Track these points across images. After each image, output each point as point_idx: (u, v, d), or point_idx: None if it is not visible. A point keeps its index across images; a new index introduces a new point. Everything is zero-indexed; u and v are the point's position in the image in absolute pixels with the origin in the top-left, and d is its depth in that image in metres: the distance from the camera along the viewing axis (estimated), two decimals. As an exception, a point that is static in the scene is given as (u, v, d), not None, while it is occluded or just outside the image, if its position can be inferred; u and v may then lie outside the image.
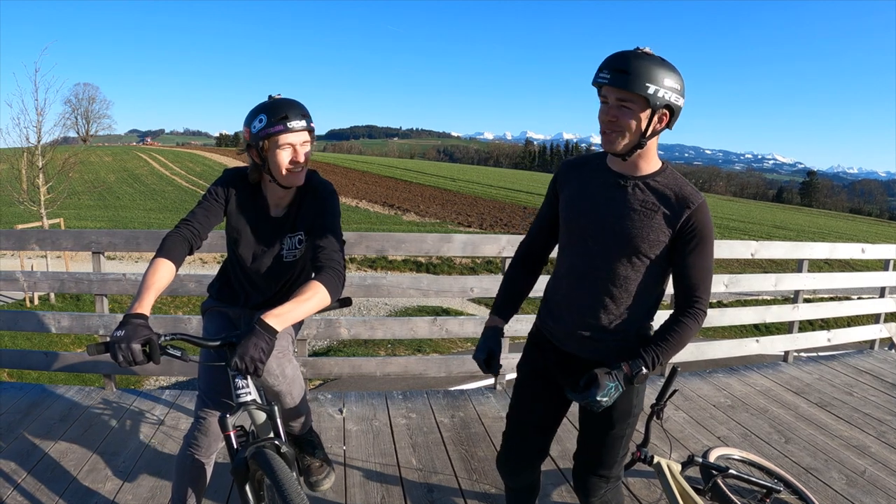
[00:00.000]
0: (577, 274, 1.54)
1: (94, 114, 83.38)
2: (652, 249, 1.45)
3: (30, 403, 2.98)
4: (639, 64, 1.32)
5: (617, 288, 1.49)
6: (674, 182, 1.46)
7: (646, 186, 1.46)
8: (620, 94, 1.34)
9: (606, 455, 1.62)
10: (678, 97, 1.37)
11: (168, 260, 1.61)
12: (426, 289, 3.23)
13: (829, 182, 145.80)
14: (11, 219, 17.52)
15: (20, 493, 2.22)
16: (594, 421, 1.60)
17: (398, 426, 2.97)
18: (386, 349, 10.28)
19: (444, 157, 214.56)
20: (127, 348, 1.34)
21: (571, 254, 1.56)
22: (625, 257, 1.46)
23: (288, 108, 1.66)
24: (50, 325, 3.20)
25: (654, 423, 2.07)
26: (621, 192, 1.47)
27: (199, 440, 1.76)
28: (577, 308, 1.55)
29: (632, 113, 1.35)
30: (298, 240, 1.86)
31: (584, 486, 1.67)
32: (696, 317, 1.47)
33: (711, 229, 1.46)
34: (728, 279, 4.00)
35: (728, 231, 31.14)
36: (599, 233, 1.48)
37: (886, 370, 4.35)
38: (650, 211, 1.43)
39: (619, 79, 1.32)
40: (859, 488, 2.60)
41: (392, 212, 29.68)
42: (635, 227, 1.44)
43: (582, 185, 1.55)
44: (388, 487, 2.40)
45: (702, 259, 1.45)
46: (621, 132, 1.38)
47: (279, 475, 1.37)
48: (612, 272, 1.48)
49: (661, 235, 1.44)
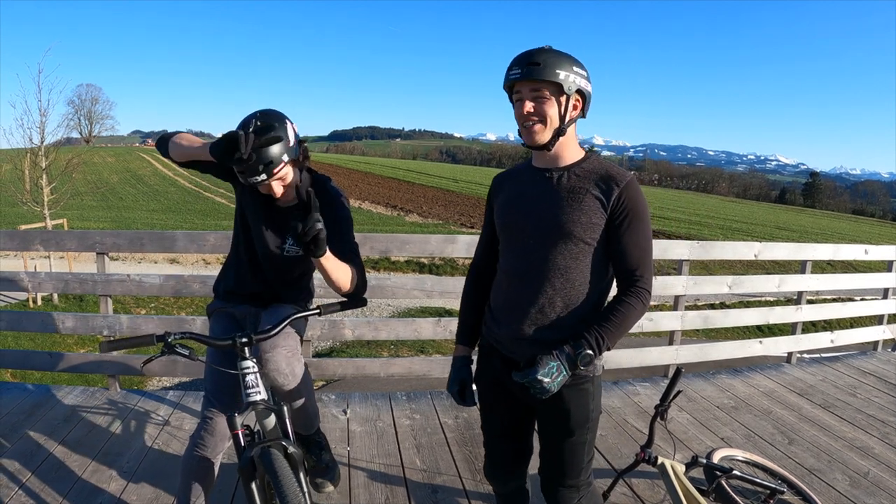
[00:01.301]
0: (516, 273, 1.52)
1: (96, 114, 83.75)
2: (587, 233, 1.43)
3: (34, 404, 2.99)
4: (546, 55, 1.39)
5: (559, 279, 1.46)
6: (599, 166, 1.47)
7: (571, 174, 1.47)
8: (534, 86, 1.40)
9: (570, 464, 1.57)
10: (587, 83, 1.44)
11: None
12: (430, 290, 3.24)
13: (832, 183, 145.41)
14: (15, 219, 17.58)
15: (24, 492, 2.22)
16: (552, 431, 1.56)
17: (402, 427, 2.97)
18: (389, 350, 10.29)
19: (446, 158, 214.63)
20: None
21: (510, 255, 1.55)
22: (561, 245, 1.44)
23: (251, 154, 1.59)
24: (54, 325, 3.21)
25: (657, 424, 2.07)
26: (548, 183, 1.48)
27: (206, 440, 1.75)
28: (520, 307, 1.50)
29: (548, 101, 1.40)
30: None
31: (555, 500, 1.61)
32: (639, 295, 1.44)
33: (645, 206, 1.45)
34: (731, 280, 3.99)
35: (731, 232, 31.08)
36: (534, 227, 1.47)
37: (890, 371, 4.34)
38: (579, 195, 1.43)
39: (531, 71, 1.37)
40: (863, 489, 2.60)
41: (395, 213, 29.70)
42: (565, 213, 1.43)
43: (511, 188, 1.57)
44: (392, 488, 2.40)
45: (637, 236, 1.43)
46: (542, 121, 1.41)
47: (280, 477, 1.37)
48: (551, 264, 1.46)
49: (593, 217, 1.42)
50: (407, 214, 29.17)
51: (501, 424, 1.67)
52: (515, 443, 1.68)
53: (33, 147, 13.56)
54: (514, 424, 1.66)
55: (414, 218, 28.21)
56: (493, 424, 1.69)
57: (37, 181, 13.64)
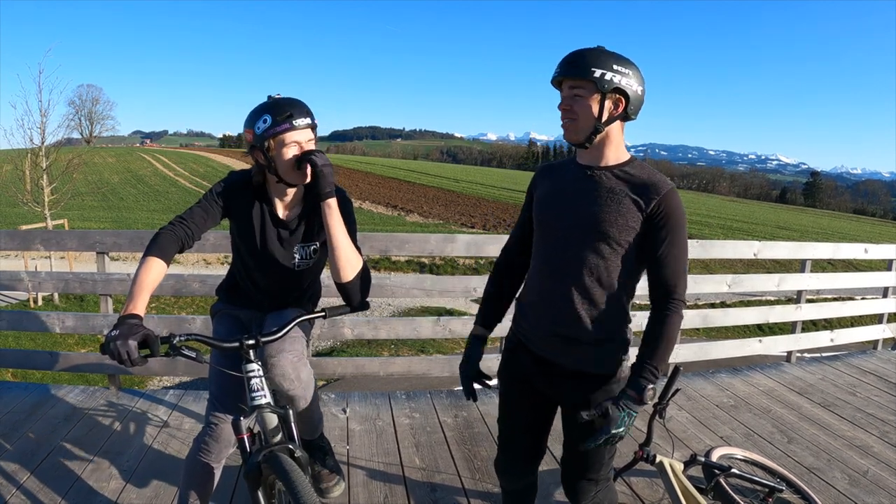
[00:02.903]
0: (549, 268, 1.53)
1: (97, 115, 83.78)
2: (622, 235, 1.43)
3: (34, 403, 2.99)
4: (587, 53, 1.41)
5: (590, 277, 1.46)
6: (642, 171, 1.47)
7: (613, 175, 1.47)
8: (571, 83, 1.42)
9: (593, 459, 1.60)
10: (630, 82, 1.41)
11: (160, 259, 1.60)
12: (430, 289, 3.24)
13: (832, 183, 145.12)
14: (16, 220, 17.62)
15: (23, 493, 2.22)
16: (574, 426, 1.57)
17: (401, 426, 2.97)
18: (389, 350, 10.29)
19: (447, 159, 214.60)
20: (123, 346, 1.35)
21: (544, 249, 1.55)
22: (595, 243, 1.45)
23: (291, 106, 1.65)
24: (54, 325, 3.22)
25: (656, 423, 2.07)
26: (589, 180, 1.48)
27: (210, 445, 1.72)
28: (551, 303, 1.51)
29: (583, 99, 1.41)
30: (314, 249, 1.83)
31: (574, 491, 1.66)
32: (679, 309, 1.45)
33: (683, 217, 1.45)
34: (731, 279, 3.99)
35: (731, 232, 31.08)
36: (570, 221, 1.48)
37: (890, 370, 4.33)
38: (619, 196, 1.44)
39: (568, 69, 1.41)
40: (862, 488, 2.60)
41: (395, 213, 29.72)
42: (603, 212, 1.44)
43: (553, 182, 1.57)
44: (392, 487, 2.40)
45: (675, 248, 1.44)
46: (576, 118, 1.43)
47: (294, 480, 1.35)
48: (585, 261, 1.46)
49: (630, 220, 1.43)
50: (408, 214, 29.18)
51: (525, 422, 1.67)
52: (534, 440, 1.69)
53: (34, 147, 13.57)
54: (535, 422, 1.67)
55: (415, 218, 28.22)
56: (516, 421, 1.69)
57: (37, 181, 13.66)
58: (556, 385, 1.57)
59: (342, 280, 1.65)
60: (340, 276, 1.65)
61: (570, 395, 1.56)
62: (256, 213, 1.79)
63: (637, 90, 1.44)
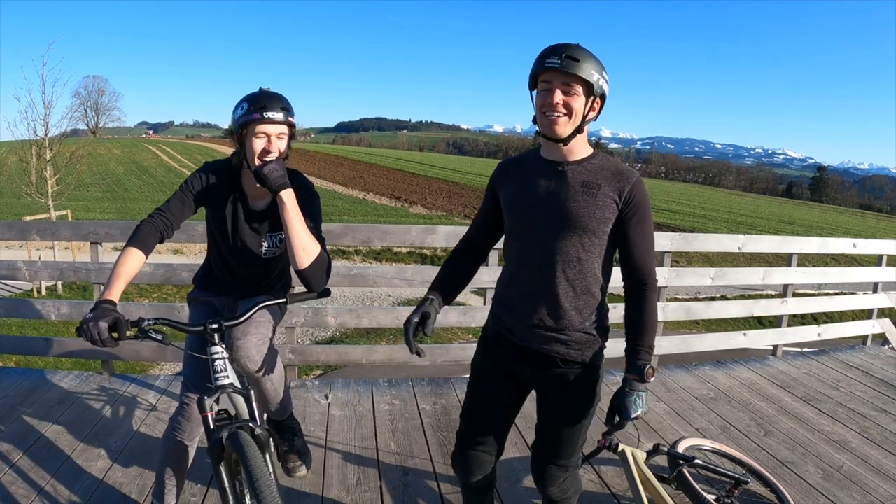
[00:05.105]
0: (530, 264, 1.56)
1: (103, 106, 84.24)
2: (601, 226, 1.50)
3: (30, 388, 3.10)
4: (586, 54, 1.45)
5: (572, 270, 1.52)
6: (608, 162, 1.54)
7: (584, 169, 1.52)
8: (568, 79, 1.44)
9: (566, 445, 1.64)
10: (607, 88, 1.51)
11: (139, 249, 1.69)
12: (411, 279, 3.30)
13: (839, 177, 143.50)
14: (21, 211, 17.76)
15: (14, 471, 2.32)
16: (557, 413, 1.62)
17: (381, 412, 3.05)
18: (388, 340, 10.36)
19: (453, 150, 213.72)
20: (94, 327, 1.44)
21: (522, 245, 1.58)
22: (576, 237, 1.50)
23: (268, 99, 1.73)
24: (50, 313, 3.31)
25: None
26: (561, 176, 1.53)
27: (183, 424, 1.84)
28: (535, 297, 1.56)
29: (577, 97, 1.45)
30: (280, 238, 1.92)
31: (543, 476, 1.68)
32: (654, 287, 1.54)
33: (649, 202, 1.53)
34: (714, 272, 4.00)
35: (735, 226, 30.85)
36: (549, 218, 1.52)
37: (877, 366, 4.31)
38: (593, 190, 1.49)
39: (570, 64, 1.42)
40: (835, 482, 2.59)
41: (399, 204, 29.72)
42: (582, 207, 1.49)
43: (522, 179, 1.59)
44: (365, 470, 2.48)
45: (645, 233, 1.52)
46: (569, 115, 1.46)
47: (249, 456, 1.44)
48: (566, 255, 1.51)
49: (607, 212, 1.49)
50: (411, 206, 29.19)
51: (497, 416, 1.69)
52: (502, 433, 1.73)
53: (38, 139, 13.69)
54: (508, 416, 1.72)
55: (418, 209, 28.23)
56: (488, 415, 1.70)
57: (41, 173, 13.79)
58: (538, 373, 1.61)
59: (298, 267, 1.74)
60: (296, 263, 1.73)
61: (552, 380, 1.60)
62: (230, 202, 1.88)
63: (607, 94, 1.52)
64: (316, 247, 1.74)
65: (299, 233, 1.72)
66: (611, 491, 2.43)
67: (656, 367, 1.54)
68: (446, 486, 2.39)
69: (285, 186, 1.71)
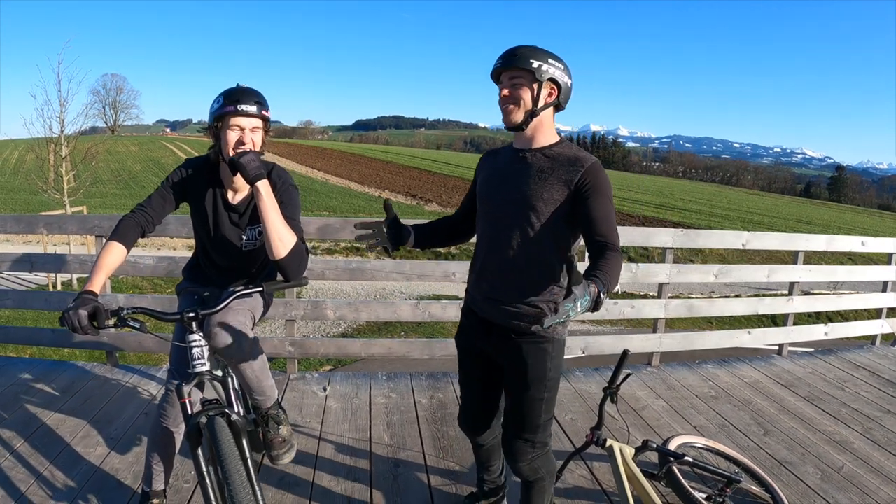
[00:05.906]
0: (489, 240, 1.72)
1: (121, 104, 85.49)
2: (547, 206, 1.60)
3: (36, 377, 3.18)
4: (524, 48, 1.60)
5: (524, 247, 1.63)
6: (568, 149, 1.65)
7: (543, 155, 1.65)
8: (511, 73, 1.60)
9: (527, 418, 1.73)
10: (562, 74, 1.62)
11: (120, 243, 1.77)
12: (409, 273, 3.32)
13: (858, 177, 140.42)
14: (37, 207, 18.13)
15: (15, 457, 2.38)
16: (513, 385, 1.74)
17: (377, 405, 3.08)
18: (399, 335, 10.41)
19: (470, 148, 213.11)
20: (75, 315, 1.49)
21: (485, 224, 1.75)
22: (526, 216, 1.62)
23: (242, 93, 1.79)
24: (57, 304, 3.39)
25: (608, 406, 2.12)
26: (522, 161, 1.67)
27: (168, 410, 1.89)
28: (491, 271, 1.71)
29: (522, 86, 1.60)
30: (259, 231, 1.96)
31: (512, 451, 1.77)
32: (617, 251, 1.47)
33: (607, 184, 1.59)
34: (718, 269, 3.96)
35: (751, 225, 30.42)
36: (505, 198, 1.67)
37: (885, 366, 4.22)
38: (546, 173, 1.62)
39: (509, 60, 1.59)
40: (833, 484, 2.54)
41: (414, 202, 29.78)
42: (531, 189, 1.62)
43: (493, 166, 1.78)
44: (357, 461, 2.51)
45: (603, 209, 1.55)
46: (516, 103, 1.61)
47: (221, 441, 1.49)
48: (518, 232, 1.63)
49: (555, 194, 1.59)
50: (426, 203, 29.23)
51: (478, 380, 1.87)
52: (491, 394, 1.88)
53: (54, 136, 13.95)
54: (488, 380, 1.86)
55: (433, 207, 28.25)
56: (472, 380, 1.90)
57: (57, 169, 14.05)
58: (499, 346, 1.73)
59: (274, 256, 1.77)
60: (273, 252, 1.77)
61: (509, 353, 1.72)
62: (209, 196, 1.93)
63: (567, 82, 1.65)
64: (292, 237, 1.78)
65: (275, 223, 1.76)
66: (601, 487, 2.42)
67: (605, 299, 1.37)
68: (436, 479, 2.41)
69: (261, 177, 1.76)
